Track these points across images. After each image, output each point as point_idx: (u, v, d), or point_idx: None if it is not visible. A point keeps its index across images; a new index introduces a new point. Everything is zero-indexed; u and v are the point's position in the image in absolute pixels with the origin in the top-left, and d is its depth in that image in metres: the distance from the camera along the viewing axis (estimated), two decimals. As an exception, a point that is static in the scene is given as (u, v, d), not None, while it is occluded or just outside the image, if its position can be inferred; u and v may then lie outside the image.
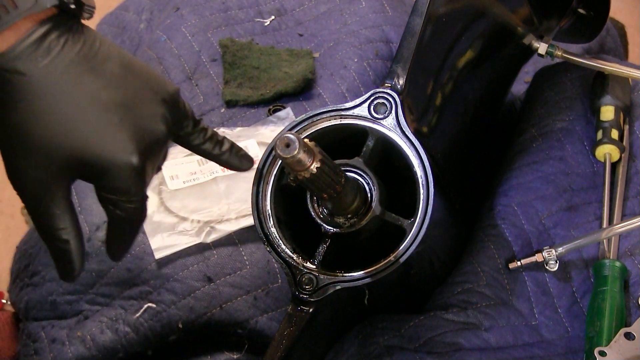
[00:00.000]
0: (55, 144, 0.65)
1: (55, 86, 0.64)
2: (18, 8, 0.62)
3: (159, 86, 0.72)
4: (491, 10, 1.00)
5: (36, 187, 0.67)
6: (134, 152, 0.67)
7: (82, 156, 0.66)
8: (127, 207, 0.70)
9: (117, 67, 0.68)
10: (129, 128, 0.67)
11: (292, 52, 1.27)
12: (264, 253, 1.05)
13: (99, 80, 0.66)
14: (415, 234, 0.78)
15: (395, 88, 0.82)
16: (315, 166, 0.70)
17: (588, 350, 0.94)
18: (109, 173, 0.67)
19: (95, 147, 0.66)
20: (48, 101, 0.64)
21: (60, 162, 0.66)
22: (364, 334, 0.96)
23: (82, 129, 0.65)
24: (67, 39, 0.65)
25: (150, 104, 0.70)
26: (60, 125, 0.65)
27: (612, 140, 1.09)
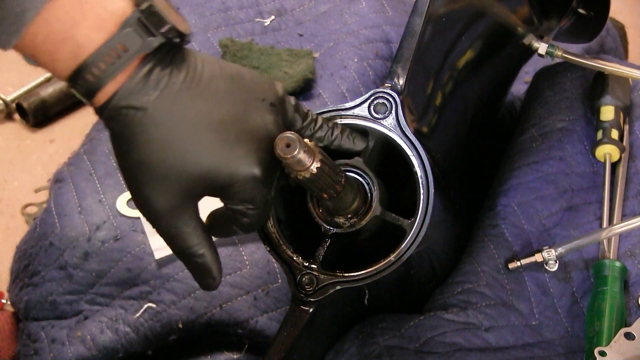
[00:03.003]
0: (179, 170, 0.68)
1: (169, 115, 0.67)
2: (128, 51, 0.65)
3: (265, 91, 0.74)
4: (491, 10, 1.00)
5: (168, 214, 0.70)
6: (255, 164, 0.70)
7: (207, 177, 0.68)
8: (253, 214, 0.72)
9: (223, 83, 0.70)
10: (245, 142, 0.70)
11: (292, 52, 1.27)
12: (264, 253, 1.05)
13: (208, 101, 0.69)
14: (415, 234, 0.78)
15: (395, 88, 0.82)
16: (315, 166, 0.70)
17: (588, 350, 0.93)
18: (234, 187, 0.70)
19: (218, 166, 0.69)
20: (165, 131, 0.67)
21: (188, 187, 0.69)
22: (364, 334, 0.96)
23: (202, 151, 0.68)
24: (172, 68, 0.67)
25: (261, 112, 0.72)
26: (181, 152, 0.67)
27: (612, 140, 1.09)
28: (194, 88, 0.68)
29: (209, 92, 0.69)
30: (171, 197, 0.69)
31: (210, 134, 0.68)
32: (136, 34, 0.65)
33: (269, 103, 0.73)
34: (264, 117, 0.72)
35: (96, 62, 0.65)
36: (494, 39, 1.04)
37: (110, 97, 0.66)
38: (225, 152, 0.69)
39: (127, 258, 1.06)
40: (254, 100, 0.72)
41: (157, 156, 0.67)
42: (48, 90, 1.59)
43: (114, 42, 0.65)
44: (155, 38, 0.66)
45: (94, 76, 0.65)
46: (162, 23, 0.66)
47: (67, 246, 1.07)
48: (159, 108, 0.66)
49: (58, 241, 1.08)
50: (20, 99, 1.59)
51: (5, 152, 1.56)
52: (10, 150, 1.56)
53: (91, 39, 0.65)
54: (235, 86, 0.71)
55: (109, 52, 0.65)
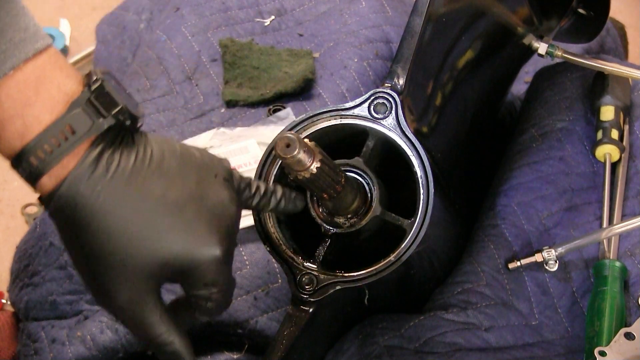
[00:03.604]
0: (138, 259, 0.64)
1: (121, 201, 0.63)
2: (76, 133, 0.62)
3: (216, 167, 0.71)
4: (491, 10, 1.00)
5: (131, 305, 0.66)
6: (216, 244, 0.67)
7: (167, 263, 0.65)
8: (217, 297, 0.69)
9: (174, 162, 0.67)
10: (204, 222, 0.66)
11: (292, 52, 1.27)
12: (264, 253, 1.05)
13: (161, 181, 0.65)
14: (415, 234, 0.78)
15: (395, 88, 0.82)
16: (315, 166, 0.70)
17: (588, 350, 0.93)
18: (196, 271, 0.67)
19: (178, 249, 0.65)
20: (119, 218, 0.63)
21: (148, 275, 0.65)
22: (364, 334, 0.96)
23: (160, 235, 0.64)
24: (122, 150, 0.64)
25: (215, 189, 0.69)
26: (138, 239, 0.64)
27: (612, 140, 1.09)
28: (146, 170, 0.65)
29: (161, 173, 0.65)
30: (132, 288, 0.65)
31: (167, 217, 0.65)
32: (85, 114, 0.62)
33: (222, 178, 0.70)
34: (220, 194, 0.69)
35: (42, 144, 0.61)
36: (494, 39, 1.04)
37: (57, 184, 0.62)
38: (184, 235, 0.65)
39: (127, 258, 1.06)
40: (207, 177, 0.69)
41: (112, 246, 0.63)
42: (48, 90, 1.58)
43: (62, 124, 0.62)
44: (105, 119, 0.63)
45: (38, 159, 0.61)
46: (113, 104, 0.63)
47: (67, 246, 1.07)
48: (111, 194, 0.62)
49: (58, 241, 1.08)
50: (20, 99, 1.59)
51: (5, 152, 1.55)
52: (10, 150, 1.56)
53: (40, 120, 0.61)
54: (187, 165, 0.68)
55: (56, 134, 0.61)
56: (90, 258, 0.64)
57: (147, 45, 1.32)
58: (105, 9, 1.59)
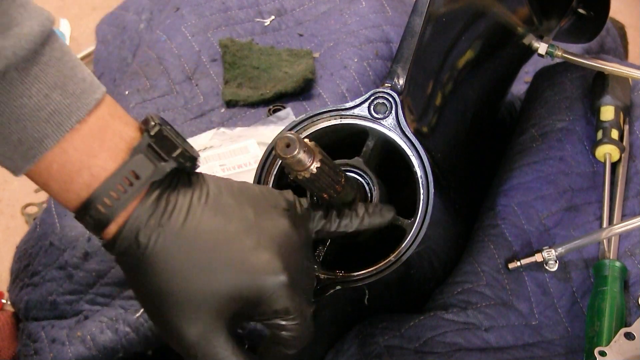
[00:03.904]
0: (204, 294, 0.64)
1: (181, 239, 0.63)
2: (140, 178, 0.63)
3: (275, 199, 0.71)
4: (491, 10, 1.00)
5: (202, 341, 0.65)
6: (280, 270, 0.66)
7: (232, 294, 0.65)
8: (291, 326, 0.68)
9: (231, 197, 0.67)
10: (265, 249, 0.66)
11: (292, 52, 1.27)
12: (264, 253, 1.05)
13: (218, 217, 0.65)
14: (415, 234, 0.78)
15: (395, 88, 0.82)
16: (315, 166, 0.70)
17: (588, 350, 0.93)
18: (265, 298, 0.66)
19: (242, 281, 0.65)
20: (182, 255, 0.63)
21: (217, 309, 0.65)
22: (364, 334, 0.96)
23: (221, 268, 0.64)
24: (179, 190, 0.64)
25: (275, 218, 0.69)
26: (199, 275, 0.64)
27: (612, 140, 1.09)
28: (203, 207, 0.65)
29: (219, 207, 0.66)
30: (202, 324, 0.64)
31: (227, 249, 0.65)
32: (147, 159, 0.63)
33: (282, 209, 0.70)
34: (280, 222, 0.69)
35: (108, 192, 0.62)
36: (494, 39, 1.04)
37: (120, 228, 0.63)
38: (247, 264, 0.65)
39: (127, 258, 1.06)
40: (265, 208, 0.69)
41: (177, 284, 0.63)
42: (48, 90, 1.59)
43: (126, 170, 0.62)
44: (167, 163, 0.64)
45: (105, 207, 0.62)
46: (173, 147, 0.64)
47: (67, 246, 1.07)
48: (170, 233, 0.63)
49: (58, 241, 1.08)
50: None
51: (5, 152, 1.55)
52: (10, 150, 1.56)
53: (105, 169, 0.62)
54: (244, 199, 0.68)
55: (121, 181, 0.62)
56: (157, 298, 0.64)
57: (147, 45, 1.32)
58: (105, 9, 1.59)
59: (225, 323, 0.66)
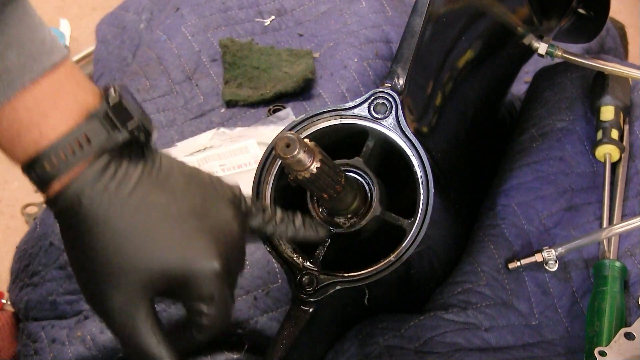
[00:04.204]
0: (136, 265, 0.65)
1: (125, 208, 0.64)
2: (91, 144, 0.63)
3: (224, 190, 0.72)
4: (491, 10, 1.00)
5: (124, 311, 0.66)
6: (215, 258, 0.67)
7: (164, 271, 0.65)
8: (211, 314, 0.68)
9: (182, 179, 0.69)
10: (205, 234, 0.67)
11: (292, 52, 1.27)
12: (264, 253, 1.05)
13: (165, 194, 0.67)
14: (415, 234, 0.78)
15: (395, 88, 0.82)
16: (315, 166, 0.70)
17: (588, 350, 0.93)
18: (193, 282, 0.66)
19: (176, 259, 0.66)
20: (121, 224, 0.64)
21: (145, 282, 0.65)
22: (364, 334, 0.96)
23: (159, 245, 0.65)
24: (131, 162, 0.66)
25: (220, 207, 0.70)
26: (136, 246, 0.65)
27: (612, 140, 1.09)
28: (152, 182, 0.66)
29: (167, 184, 0.67)
30: (127, 293, 0.65)
31: (168, 227, 0.66)
32: (102, 126, 0.64)
33: (228, 199, 0.71)
34: (224, 212, 0.70)
35: (56, 152, 0.63)
36: (494, 39, 1.04)
37: (63, 187, 0.63)
38: (184, 246, 0.66)
39: (127, 258, 1.06)
40: (212, 196, 0.70)
41: (112, 250, 0.64)
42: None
43: (78, 133, 0.63)
44: (120, 133, 0.64)
45: (51, 165, 0.63)
46: (129, 118, 0.65)
47: (67, 246, 1.07)
48: (114, 201, 0.64)
49: (58, 241, 1.08)
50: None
51: (5, 152, 1.55)
52: (10, 150, 1.56)
53: (56, 129, 0.63)
54: (194, 183, 0.69)
55: (72, 142, 0.63)
56: (89, 261, 0.65)
57: (147, 45, 1.32)
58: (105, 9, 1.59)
59: (150, 298, 0.66)
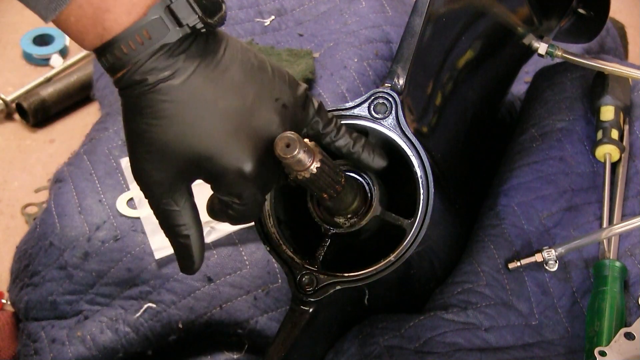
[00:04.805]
0: (174, 150, 0.69)
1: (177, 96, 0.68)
2: (152, 39, 0.66)
3: (282, 91, 0.74)
4: (491, 10, 1.00)
5: (159, 188, 0.71)
6: (248, 160, 0.70)
7: (199, 162, 0.70)
8: (239, 208, 0.73)
9: (239, 73, 0.71)
10: (243, 136, 0.70)
11: (292, 52, 1.27)
12: (264, 253, 1.05)
13: (217, 89, 0.69)
14: (415, 234, 0.78)
15: (395, 88, 0.82)
16: (315, 166, 0.70)
17: (588, 350, 0.93)
18: (223, 179, 0.71)
19: (211, 154, 0.69)
20: (170, 109, 0.68)
21: (180, 166, 0.70)
22: (364, 334, 0.96)
23: (199, 136, 0.69)
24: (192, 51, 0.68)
25: (268, 110, 0.72)
26: (179, 133, 0.69)
27: (612, 140, 1.09)
28: (208, 74, 0.69)
29: (222, 80, 0.70)
30: (164, 173, 0.70)
31: (211, 121, 0.69)
32: (162, 22, 0.66)
33: (282, 104, 0.73)
34: (271, 117, 0.72)
35: (119, 45, 0.66)
36: (494, 39, 1.04)
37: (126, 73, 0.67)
38: (221, 143, 0.69)
39: (127, 258, 1.06)
40: (266, 97, 0.72)
41: (157, 130, 0.68)
42: (48, 90, 1.59)
43: (139, 28, 0.66)
44: (180, 29, 0.67)
45: (114, 58, 0.67)
46: (190, 14, 0.67)
47: (67, 246, 1.08)
48: (169, 87, 0.67)
49: (58, 241, 1.08)
50: (20, 99, 1.59)
51: (5, 152, 1.56)
52: (10, 150, 1.56)
53: (119, 23, 0.66)
54: (251, 79, 0.71)
55: (134, 38, 0.66)
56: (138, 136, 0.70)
57: (147, 45, 1.31)
58: (105, 9, 1.58)
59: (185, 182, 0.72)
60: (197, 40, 0.69)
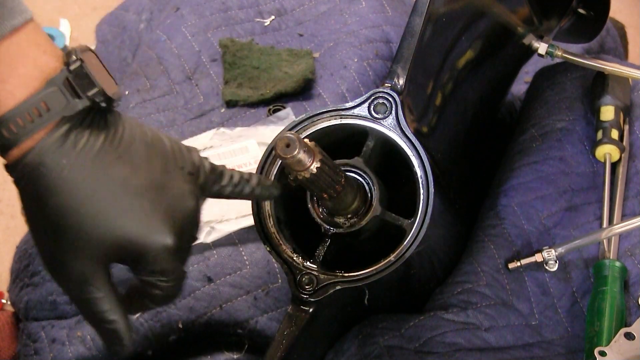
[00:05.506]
0: (92, 236, 0.65)
1: (85, 178, 0.64)
2: (50, 111, 0.63)
3: (184, 159, 0.72)
4: (491, 10, 1.00)
5: (78, 277, 0.67)
6: (168, 234, 0.68)
7: (119, 243, 0.66)
8: (165, 286, 0.70)
9: (142, 147, 0.69)
10: (160, 211, 0.68)
11: (292, 52, 1.27)
12: (264, 253, 1.05)
13: (126, 166, 0.67)
14: (415, 234, 0.78)
15: (395, 88, 0.82)
16: (315, 166, 0.70)
17: (588, 350, 0.94)
18: (146, 257, 0.68)
19: (130, 233, 0.66)
20: (80, 194, 0.64)
21: (99, 251, 0.66)
22: (364, 334, 0.96)
23: (115, 217, 0.66)
24: (93, 130, 0.65)
25: (179, 181, 0.71)
26: (94, 216, 0.65)
27: (612, 140, 1.09)
28: (113, 152, 0.66)
29: (128, 156, 0.67)
30: (83, 262, 0.66)
31: (126, 200, 0.66)
32: (61, 94, 0.63)
33: (187, 172, 0.72)
34: (182, 187, 0.70)
35: (14, 119, 0.62)
36: (494, 39, 1.04)
37: (24, 154, 0.63)
38: (140, 221, 0.67)
39: (127, 258, 1.06)
40: (172, 168, 0.70)
41: (70, 220, 0.64)
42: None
43: (37, 100, 0.63)
44: (80, 100, 0.64)
45: (10, 133, 0.63)
46: (90, 86, 0.64)
47: (67, 246, 1.07)
48: (75, 170, 0.64)
49: (58, 241, 1.08)
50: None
51: (5, 152, 1.55)
52: (10, 150, 1.56)
53: (14, 95, 0.63)
54: (155, 152, 0.69)
55: (30, 110, 0.63)
56: (48, 229, 0.65)
57: (147, 45, 1.32)
58: (105, 9, 1.59)
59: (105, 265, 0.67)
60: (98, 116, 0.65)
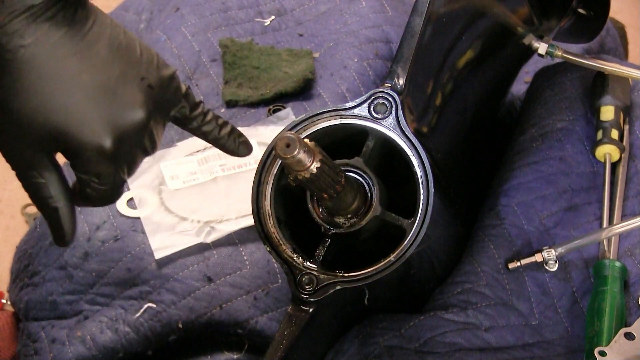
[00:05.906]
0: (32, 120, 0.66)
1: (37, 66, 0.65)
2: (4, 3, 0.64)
3: (148, 71, 0.72)
4: (491, 10, 1.00)
5: (21, 159, 0.69)
6: (107, 137, 0.69)
7: (57, 135, 0.68)
8: (97, 188, 0.72)
9: (105, 49, 0.69)
10: (104, 113, 0.69)
11: (292, 52, 1.27)
12: (264, 253, 1.05)
13: (82, 62, 0.67)
14: (415, 234, 0.78)
15: (395, 88, 0.82)
16: (315, 166, 0.70)
17: (588, 350, 0.94)
18: (82, 155, 0.69)
19: (70, 128, 0.67)
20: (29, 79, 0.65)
21: (39, 138, 0.67)
22: (364, 334, 0.96)
23: (59, 109, 0.67)
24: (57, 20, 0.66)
25: (132, 88, 0.71)
26: (38, 104, 0.66)
27: (612, 140, 1.09)
28: (73, 45, 0.67)
29: (87, 53, 0.68)
30: (26, 147, 0.68)
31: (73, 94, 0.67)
32: None
33: (147, 84, 0.72)
34: (134, 95, 0.71)
35: None
36: (494, 39, 1.04)
37: None
38: (82, 117, 0.68)
39: (127, 258, 1.06)
40: (131, 75, 0.71)
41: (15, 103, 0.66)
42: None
43: None
44: None
45: None
46: None
47: (67, 246, 1.08)
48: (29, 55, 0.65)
49: (58, 241, 1.08)
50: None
51: (5, 152, 1.56)
52: (10, 150, 1.56)
53: None
54: (118, 56, 0.70)
55: None
56: None
57: (147, 45, 1.31)
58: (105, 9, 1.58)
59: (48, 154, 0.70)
60: (65, 9, 0.66)
